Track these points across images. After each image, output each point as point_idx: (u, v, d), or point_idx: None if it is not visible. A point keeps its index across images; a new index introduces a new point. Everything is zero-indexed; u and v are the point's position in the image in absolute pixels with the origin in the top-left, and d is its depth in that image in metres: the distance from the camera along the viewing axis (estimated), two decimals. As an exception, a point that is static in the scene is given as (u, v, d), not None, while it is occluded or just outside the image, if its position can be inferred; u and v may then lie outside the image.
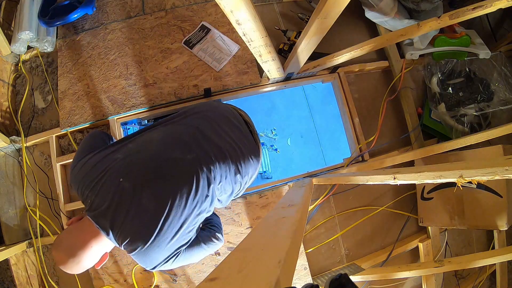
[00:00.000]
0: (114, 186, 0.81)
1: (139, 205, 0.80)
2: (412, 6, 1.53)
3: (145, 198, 0.80)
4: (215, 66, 1.49)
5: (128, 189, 0.81)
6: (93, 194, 0.82)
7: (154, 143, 0.91)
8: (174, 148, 0.89)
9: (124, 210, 0.79)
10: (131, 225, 0.79)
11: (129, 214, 0.79)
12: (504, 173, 0.55)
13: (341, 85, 1.62)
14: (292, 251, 0.43)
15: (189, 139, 0.92)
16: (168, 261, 0.85)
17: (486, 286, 1.81)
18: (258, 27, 0.87)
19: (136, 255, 0.81)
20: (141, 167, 0.85)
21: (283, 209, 0.75)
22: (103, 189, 0.82)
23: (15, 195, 1.48)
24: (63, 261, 0.79)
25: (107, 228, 0.80)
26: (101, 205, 0.81)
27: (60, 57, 1.53)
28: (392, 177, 0.80)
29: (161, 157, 0.87)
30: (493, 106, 1.60)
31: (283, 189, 1.46)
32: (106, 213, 0.80)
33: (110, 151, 0.91)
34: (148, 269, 0.86)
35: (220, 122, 1.01)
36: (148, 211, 0.80)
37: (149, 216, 0.80)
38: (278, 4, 1.70)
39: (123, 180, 0.81)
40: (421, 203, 1.60)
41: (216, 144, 0.94)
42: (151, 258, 0.82)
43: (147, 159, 0.87)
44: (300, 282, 1.40)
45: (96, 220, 0.80)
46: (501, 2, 1.07)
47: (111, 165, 0.85)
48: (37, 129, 1.51)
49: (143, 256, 0.82)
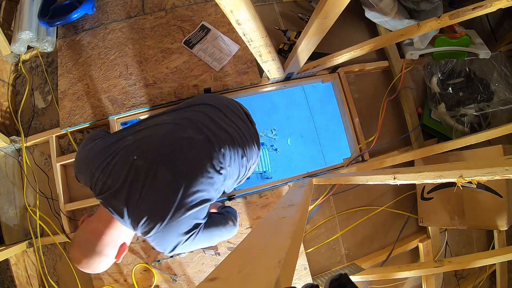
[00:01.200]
0: (127, 165, 0.79)
1: (154, 180, 0.77)
2: (412, 6, 1.53)
3: (161, 174, 0.78)
4: (215, 66, 1.49)
5: (142, 166, 0.78)
6: (105, 175, 0.79)
7: (164, 125, 0.90)
8: (185, 129, 0.88)
9: (139, 187, 0.77)
10: (147, 201, 0.76)
11: (144, 190, 0.77)
12: (504, 173, 0.55)
13: (341, 85, 1.62)
14: (292, 251, 0.43)
15: (198, 121, 0.92)
16: (188, 239, 0.81)
17: (486, 286, 1.81)
18: (258, 27, 0.87)
19: (154, 236, 0.78)
20: (154, 146, 0.83)
21: (283, 209, 0.75)
22: (115, 169, 0.79)
23: (15, 195, 1.48)
24: (79, 260, 0.77)
25: (121, 209, 0.76)
26: (113, 185, 0.78)
27: (60, 57, 1.53)
28: (392, 177, 0.80)
29: (173, 135, 0.86)
30: (493, 106, 1.60)
31: (283, 189, 1.46)
32: (119, 193, 0.77)
33: (119, 134, 0.90)
34: (166, 254, 0.82)
35: (225, 110, 1.02)
36: (164, 186, 0.77)
37: (166, 190, 0.77)
38: (278, 4, 1.70)
39: (137, 158, 0.79)
40: (421, 203, 1.60)
41: (224, 128, 0.95)
42: (170, 236, 0.78)
43: (159, 138, 0.85)
44: (300, 282, 1.40)
45: (109, 202, 0.78)
46: (501, 2, 1.07)
47: (122, 146, 0.83)
48: (37, 129, 1.51)
49: (162, 236, 0.78)
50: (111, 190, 0.78)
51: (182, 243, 0.81)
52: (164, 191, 0.77)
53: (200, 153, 0.85)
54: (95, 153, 0.85)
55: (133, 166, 0.79)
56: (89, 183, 0.84)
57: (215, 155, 0.86)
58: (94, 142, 0.90)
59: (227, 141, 0.92)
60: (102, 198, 0.79)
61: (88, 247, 0.77)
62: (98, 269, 0.79)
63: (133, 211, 0.76)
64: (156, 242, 0.80)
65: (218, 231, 0.91)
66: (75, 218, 1.43)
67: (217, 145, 0.88)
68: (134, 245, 1.33)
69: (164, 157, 0.81)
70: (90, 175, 0.82)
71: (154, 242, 0.80)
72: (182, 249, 0.83)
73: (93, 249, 0.77)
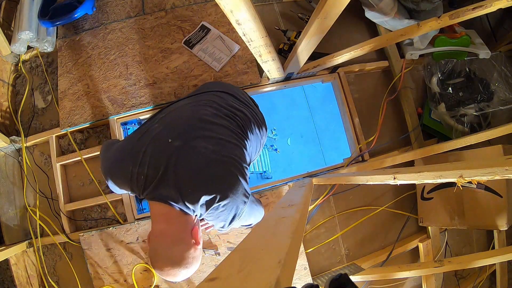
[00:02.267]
0: (165, 149, 0.77)
1: (196, 154, 0.76)
2: (412, 6, 1.53)
3: (200, 146, 0.77)
4: (215, 66, 1.49)
5: (180, 145, 0.77)
6: (144, 167, 0.77)
7: (187, 106, 0.91)
8: (206, 108, 0.90)
9: (185, 165, 0.75)
10: (199, 174, 0.75)
11: (190, 166, 0.75)
12: (504, 173, 0.55)
13: (341, 85, 1.62)
14: (292, 251, 0.43)
15: (215, 103, 0.94)
16: (243, 210, 0.80)
17: (486, 286, 1.81)
18: (258, 27, 0.87)
19: (214, 210, 0.76)
20: (184, 125, 0.82)
21: (283, 209, 0.75)
22: (154, 157, 0.77)
23: (15, 195, 1.48)
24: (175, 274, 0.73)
25: (173, 195, 0.74)
26: (156, 174, 0.75)
27: (60, 57, 1.53)
28: (392, 177, 0.80)
29: (198, 113, 0.87)
30: (493, 106, 1.60)
31: (283, 189, 1.46)
32: (165, 179, 0.74)
33: (143, 128, 0.88)
34: (225, 229, 0.80)
35: (237, 94, 1.07)
36: (208, 156, 0.76)
37: (211, 160, 0.76)
38: (278, 4, 1.70)
39: (172, 140, 0.78)
40: (421, 203, 1.60)
41: (239, 109, 0.99)
42: (230, 207, 0.76)
43: (186, 117, 0.86)
44: (300, 282, 1.40)
45: (158, 194, 0.74)
46: (501, 2, 1.07)
47: (152, 135, 0.81)
48: (37, 129, 1.51)
49: (223, 209, 0.76)
50: (155, 180, 0.75)
51: (239, 215, 0.79)
52: (210, 161, 0.76)
53: (226, 125, 0.86)
54: (126, 152, 0.82)
55: (170, 148, 0.77)
56: (128, 183, 0.80)
57: (237, 128, 0.89)
58: (118, 144, 0.89)
59: (248, 117, 0.97)
60: (149, 193, 0.76)
61: (168, 255, 0.73)
62: (193, 264, 0.76)
63: (185, 191, 0.74)
64: (217, 216, 0.78)
65: (257, 206, 0.92)
66: (75, 218, 1.43)
67: (238, 121, 0.91)
68: (134, 245, 1.33)
69: (196, 131, 0.80)
70: (127, 174, 0.79)
71: (214, 216, 0.78)
72: (238, 222, 0.81)
73: (172, 254, 0.73)
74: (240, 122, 0.91)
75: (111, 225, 1.37)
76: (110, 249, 1.32)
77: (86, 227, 1.42)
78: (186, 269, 0.74)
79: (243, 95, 1.10)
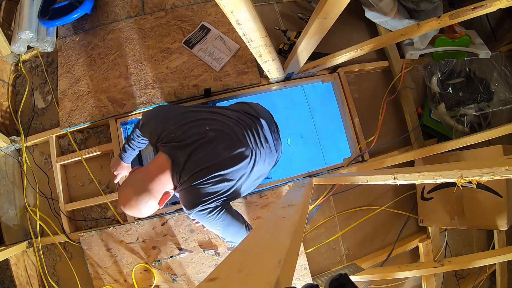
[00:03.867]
0: (201, 131, 0.96)
1: (214, 149, 0.94)
2: (412, 6, 1.53)
3: (220, 147, 0.95)
4: (215, 66, 1.49)
5: (212, 136, 0.95)
6: (179, 130, 0.95)
7: (230, 118, 1.07)
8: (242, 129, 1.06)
9: (203, 149, 0.93)
10: (202, 161, 0.92)
11: (204, 152, 0.93)
12: (504, 173, 0.55)
13: (341, 85, 1.62)
14: (292, 251, 0.43)
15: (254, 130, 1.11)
16: (211, 210, 0.92)
17: (486, 286, 1.81)
18: (258, 27, 0.87)
19: (187, 189, 0.92)
20: (222, 127, 1.00)
21: (283, 209, 0.75)
22: (190, 130, 0.96)
23: (15, 195, 1.48)
24: (129, 198, 0.87)
25: (181, 160, 0.91)
26: (184, 140, 0.94)
27: (60, 57, 1.53)
28: (392, 177, 0.80)
29: (235, 128, 1.04)
30: (493, 106, 1.60)
31: (283, 189, 1.46)
32: (186, 147, 0.93)
33: (196, 108, 1.08)
34: (191, 211, 0.92)
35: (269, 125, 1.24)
36: (219, 156, 0.94)
37: (218, 161, 0.94)
38: (278, 4, 1.70)
39: (209, 129, 0.97)
40: (421, 203, 1.60)
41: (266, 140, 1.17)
42: (205, 191, 0.91)
43: (227, 124, 1.03)
44: (300, 282, 1.40)
45: (173, 151, 0.93)
46: (501, 2, 1.07)
47: (199, 117, 1.01)
48: (37, 129, 1.51)
49: (194, 191, 0.91)
50: (180, 142, 0.93)
51: (209, 202, 0.91)
52: (216, 161, 0.94)
53: (243, 155, 1.01)
54: (175, 113, 1.01)
55: (204, 133, 0.96)
56: (157, 132, 0.98)
57: (249, 161, 1.03)
58: (170, 106, 1.12)
59: (265, 152, 1.12)
60: (168, 146, 0.94)
61: (140, 186, 0.89)
62: (143, 210, 0.90)
63: (189, 164, 0.91)
64: (189, 193, 0.92)
65: (236, 223, 0.98)
66: (75, 218, 1.43)
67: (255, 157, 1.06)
68: (134, 245, 1.33)
69: (226, 138, 0.98)
70: (163, 126, 0.97)
71: (187, 193, 0.92)
72: (208, 224, 0.94)
73: (144, 187, 0.89)
74: (254, 160, 1.05)
75: (111, 225, 1.37)
76: (110, 249, 1.32)
77: (86, 227, 1.42)
78: (136, 205, 0.88)
79: (272, 125, 1.26)
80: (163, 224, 1.35)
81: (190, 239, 1.35)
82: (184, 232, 1.35)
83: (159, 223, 1.34)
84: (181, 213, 1.35)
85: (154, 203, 0.91)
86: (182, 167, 0.91)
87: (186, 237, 1.35)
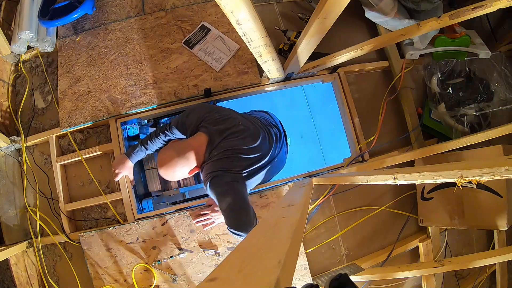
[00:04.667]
0: (235, 123, 1.21)
1: (242, 140, 1.18)
2: (412, 6, 1.53)
3: (247, 140, 1.19)
4: (215, 66, 1.49)
5: (241, 129, 1.20)
6: (219, 118, 1.21)
7: (255, 125, 1.30)
8: (265, 135, 1.31)
9: (233, 137, 1.17)
10: (229, 145, 1.15)
11: (234, 140, 1.16)
12: (504, 173, 0.55)
13: (341, 85, 1.62)
14: (292, 251, 0.43)
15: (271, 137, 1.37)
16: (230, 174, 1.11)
17: (486, 286, 1.81)
18: (258, 27, 0.87)
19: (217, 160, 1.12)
20: (250, 127, 1.25)
21: (283, 209, 0.75)
22: (227, 120, 1.21)
23: (15, 195, 1.48)
24: (171, 157, 1.08)
25: (216, 140, 1.14)
26: (221, 125, 1.18)
27: (60, 57, 1.53)
28: (392, 177, 0.80)
29: (260, 132, 1.27)
30: (493, 106, 1.60)
31: (283, 189, 1.46)
32: (222, 131, 1.17)
33: (230, 109, 1.32)
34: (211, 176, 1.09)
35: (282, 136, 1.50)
36: (244, 146, 1.17)
37: (242, 150, 1.17)
38: (278, 4, 1.70)
39: (240, 123, 1.22)
40: (421, 203, 1.60)
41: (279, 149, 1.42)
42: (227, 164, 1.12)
43: (254, 126, 1.27)
44: (300, 282, 1.40)
45: (212, 132, 1.15)
46: (501, 2, 1.07)
47: (234, 115, 1.27)
48: (37, 129, 1.51)
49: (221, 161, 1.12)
50: (218, 126, 1.18)
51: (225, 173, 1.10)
52: (241, 147, 1.17)
53: (262, 146, 1.25)
54: (218, 109, 1.28)
55: (237, 125, 1.21)
56: (202, 116, 1.21)
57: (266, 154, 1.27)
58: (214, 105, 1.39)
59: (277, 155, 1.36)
60: (209, 128, 1.17)
61: (181, 152, 1.10)
62: (177, 173, 1.11)
63: (222, 144, 1.14)
64: (212, 165, 1.11)
65: (245, 202, 1.10)
66: (75, 218, 1.43)
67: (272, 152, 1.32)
68: (134, 245, 1.33)
69: (251, 134, 1.23)
70: (208, 113, 1.22)
71: (211, 165, 1.11)
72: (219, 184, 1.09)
73: (185, 154, 1.10)
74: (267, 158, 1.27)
75: (111, 225, 1.37)
76: (110, 249, 1.32)
77: (86, 227, 1.42)
78: (173, 166, 1.09)
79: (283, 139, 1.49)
80: (163, 224, 1.35)
81: (190, 239, 1.35)
82: (184, 232, 1.35)
83: (159, 223, 1.34)
84: (181, 213, 1.35)
85: (187, 171, 1.12)
86: (216, 145, 1.14)
87: (186, 237, 1.35)
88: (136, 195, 1.44)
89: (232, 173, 1.11)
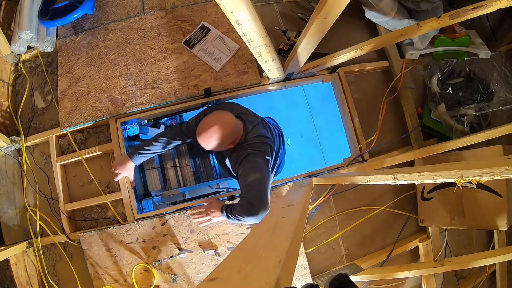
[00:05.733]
0: (257, 118, 1.34)
1: (266, 129, 1.31)
2: (412, 6, 1.53)
3: (268, 131, 1.33)
4: (215, 66, 1.49)
5: (263, 122, 1.34)
6: (246, 111, 1.32)
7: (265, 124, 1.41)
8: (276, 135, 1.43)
9: (260, 126, 1.29)
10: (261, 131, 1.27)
11: (262, 128, 1.29)
12: (504, 173, 0.55)
13: (341, 85, 1.62)
14: (292, 251, 0.43)
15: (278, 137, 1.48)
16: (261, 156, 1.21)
17: (486, 286, 1.81)
18: (258, 27, 0.87)
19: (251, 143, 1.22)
20: (267, 122, 1.40)
21: (283, 209, 0.75)
22: (251, 114, 1.33)
23: (15, 195, 1.48)
24: (211, 125, 1.12)
25: (249, 127, 1.25)
26: (248, 115, 1.30)
27: (60, 57, 1.53)
28: (392, 177, 0.80)
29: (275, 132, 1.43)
30: (493, 106, 1.60)
31: (283, 189, 1.46)
32: (251, 121, 1.27)
33: None
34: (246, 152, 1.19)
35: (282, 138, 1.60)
36: (268, 134, 1.31)
37: (268, 136, 1.30)
38: (278, 4, 1.70)
39: (261, 121, 1.34)
40: (421, 203, 1.60)
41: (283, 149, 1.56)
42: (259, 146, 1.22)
43: (268, 122, 1.42)
44: (300, 282, 1.40)
45: (244, 121, 1.26)
46: (501, 2, 1.07)
47: (254, 112, 1.38)
48: (37, 129, 1.51)
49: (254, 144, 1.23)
50: (246, 115, 1.29)
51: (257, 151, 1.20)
52: (267, 135, 1.29)
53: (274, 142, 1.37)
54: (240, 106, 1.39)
55: (258, 118, 1.35)
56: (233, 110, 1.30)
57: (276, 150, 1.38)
58: None
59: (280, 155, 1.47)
60: (241, 117, 1.27)
61: (224, 125, 1.14)
62: (212, 143, 1.14)
63: (253, 130, 1.25)
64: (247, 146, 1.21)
65: (267, 185, 1.13)
66: (75, 218, 1.43)
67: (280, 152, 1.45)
68: (134, 245, 1.33)
69: (268, 129, 1.36)
70: (237, 107, 1.35)
71: (245, 147, 1.21)
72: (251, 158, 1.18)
73: (226, 128, 1.14)
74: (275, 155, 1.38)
75: (111, 225, 1.37)
76: (110, 249, 1.32)
77: (86, 227, 1.42)
78: (211, 137, 1.13)
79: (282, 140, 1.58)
80: (163, 224, 1.35)
81: (190, 239, 1.35)
82: (184, 232, 1.35)
83: (159, 223, 1.34)
84: (181, 213, 1.35)
85: (221, 144, 1.16)
86: (249, 131, 1.24)
87: (186, 237, 1.35)
88: (136, 195, 1.44)
89: (266, 159, 1.21)
